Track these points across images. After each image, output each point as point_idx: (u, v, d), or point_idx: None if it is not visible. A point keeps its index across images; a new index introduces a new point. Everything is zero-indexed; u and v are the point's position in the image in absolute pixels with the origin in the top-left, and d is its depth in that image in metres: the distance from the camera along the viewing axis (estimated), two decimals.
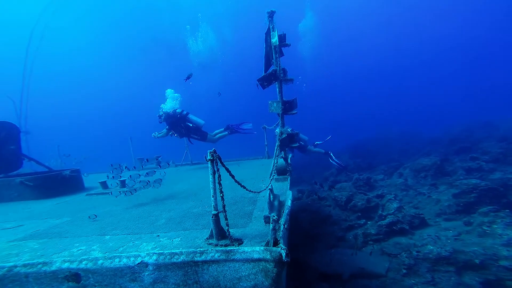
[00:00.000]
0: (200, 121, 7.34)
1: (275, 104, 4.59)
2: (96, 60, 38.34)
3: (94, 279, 1.91)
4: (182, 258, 2.02)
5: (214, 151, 2.36)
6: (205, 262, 2.04)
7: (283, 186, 3.88)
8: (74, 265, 1.89)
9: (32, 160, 6.05)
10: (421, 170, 9.50)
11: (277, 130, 4.05)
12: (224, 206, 2.32)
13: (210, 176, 2.34)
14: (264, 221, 2.70)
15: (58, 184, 4.98)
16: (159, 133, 7.40)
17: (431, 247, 5.17)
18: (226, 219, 2.31)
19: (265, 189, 3.10)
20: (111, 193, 3.44)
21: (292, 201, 7.20)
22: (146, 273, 1.98)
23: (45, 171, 5.73)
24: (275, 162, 4.17)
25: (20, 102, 13.89)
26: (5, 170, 5.70)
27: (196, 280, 2.06)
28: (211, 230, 2.35)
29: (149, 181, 3.65)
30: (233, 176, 2.68)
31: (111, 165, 3.58)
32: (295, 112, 4.75)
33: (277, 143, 4.21)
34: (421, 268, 4.66)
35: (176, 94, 7.60)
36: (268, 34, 4.67)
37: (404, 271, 4.61)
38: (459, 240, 5.25)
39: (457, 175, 8.54)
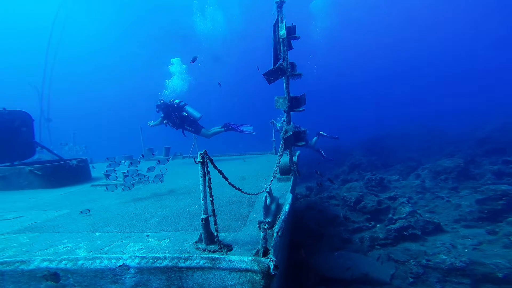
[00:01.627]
0: (196, 113, 7.22)
1: (281, 100, 4.39)
2: (113, 52, 39.36)
3: (74, 279, 1.87)
4: (165, 263, 1.94)
5: (205, 153, 2.24)
6: (189, 268, 1.95)
7: (284, 187, 3.73)
8: (53, 265, 1.86)
9: (44, 148, 6.23)
10: (442, 172, 8.98)
11: (278, 125, 3.81)
12: (213, 211, 2.21)
13: (200, 179, 2.23)
14: (258, 226, 2.58)
15: (65, 174, 5.08)
16: (154, 122, 7.41)
17: (444, 257, 4.86)
18: (216, 224, 2.21)
19: (262, 191, 2.96)
20: (106, 188, 3.43)
21: (296, 201, 6.95)
22: (128, 276, 1.92)
23: (54, 160, 5.88)
24: (278, 161, 4.00)
25: (42, 91, 14.42)
26: (19, 158, 5.90)
27: (180, 286, 1.98)
28: (200, 234, 2.26)
29: (147, 177, 3.61)
30: (226, 179, 2.54)
31: (107, 158, 3.56)
32: (303, 109, 4.52)
33: (281, 142, 4.03)
34: (431, 277, 4.40)
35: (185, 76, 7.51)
36: (276, 26, 4.44)
37: (411, 279, 4.38)
38: (478, 250, 4.88)
39: (484, 179, 8.00)
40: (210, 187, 2.23)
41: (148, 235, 2.44)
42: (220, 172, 2.48)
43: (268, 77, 4.29)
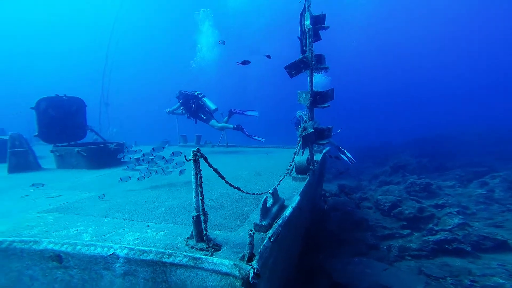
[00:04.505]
0: (212, 105, 7.58)
1: (304, 95, 4.14)
2: (159, 42, 42.35)
3: (73, 262, 2.08)
4: (150, 256, 2.03)
5: (198, 150, 2.24)
6: (172, 264, 2.01)
7: (297, 187, 3.56)
8: (56, 247, 2.08)
9: (93, 131, 7.04)
10: None
11: (297, 113, 3.57)
12: (203, 209, 2.24)
13: (193, 177, 2.25)
14: (254, 229, 2.51)
15: (105, 156, 5.65)
16: (171, 108, 8.00)
17: (501, 281, 4.19)
18: (205, 223, 2.23)
19: (265, 192, 2.87)
20: (120, 179, 3.69)
21: (321, 200, 6.55)
22: (117, 265, 2.06)
23: (97, 143, 6.60)
24: (293, 159, 3.83)
25: (102, 78, 16.17)
26: (74, 139, 6.76)
27: (164, 280, 2.06)
28: (192, 231, 2.31)
29: (162, 169, 3.79)
30: (223, 178, 2.54)
31: (126, 147, 3.80)
32: (328, 105, 4.20)
33: (298, 140, 3.82)
34: None
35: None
36: (303, 15, 4.15)
37: None
38: None
39: None
40: (201, 186, 2.25)
41: (148, 225, 2.58)
42: (215, 170, 2.48)
43: (290, 70, 4.06)
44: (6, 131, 9.85)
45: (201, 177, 2.20)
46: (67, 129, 6.62)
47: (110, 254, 2.05)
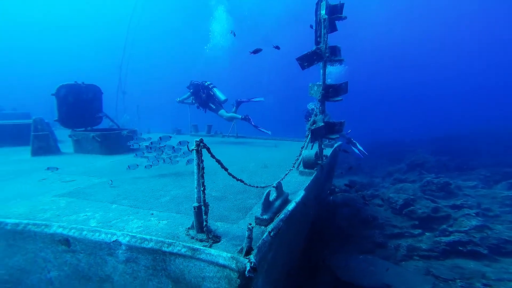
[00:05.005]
0: (221, 96, 7.66)
1: (315, 88, 4.02)
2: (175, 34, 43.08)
3: (80, 247, 2.17)
4: (151, 245, 2.08)
5: (201, 140, 2.23)
6: (171, 253, 2.06)
7: (304, 182, 3.50)
8: (65, 232, 2.18)
9: (107, 118, 7.24)
10: None
11: (309, 106, 3.50)
12: (204, 201, 2.24)
13: (195, 167, 2.25)
14: (255, 222, 2.51)
15: (118, 142, 5.81)
16: (181, 97, 8.15)
17: None
18: (206, 214, 2.24)
19: (269, 186, 2.85)
20: (128, 167, 3.78)
21: (332, 195, 6.44)
22: (120, 251, 2.13)
23: (111, 129, 6.78)
24: (300, 153, 3.76)
25: (120, 67, 16.55)
26: (90, 124, 7.00)
27: (164, 268, 2.12)
28: (192, 222, 2.33)
29: (169, 158, 3.84)
30: (226, 169, 2.53)
31: (135, 137, 3.88)
32: (340, 99, 4.06)
33: (307, 133, 3.74)
34: None
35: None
36: (319, 4, 3.97)
37: None
38: None
39: None
40: (203, 177, 2.24)
41: (152, 214, 2.63)
42: (218, 161, 2.47)
43: (302, 62, 3.94)
44: (32, 116, 10.37)
45: (203, 168, 2.19)
46: (84, 115, 6.86)
47: (113, 241, 2.12)
